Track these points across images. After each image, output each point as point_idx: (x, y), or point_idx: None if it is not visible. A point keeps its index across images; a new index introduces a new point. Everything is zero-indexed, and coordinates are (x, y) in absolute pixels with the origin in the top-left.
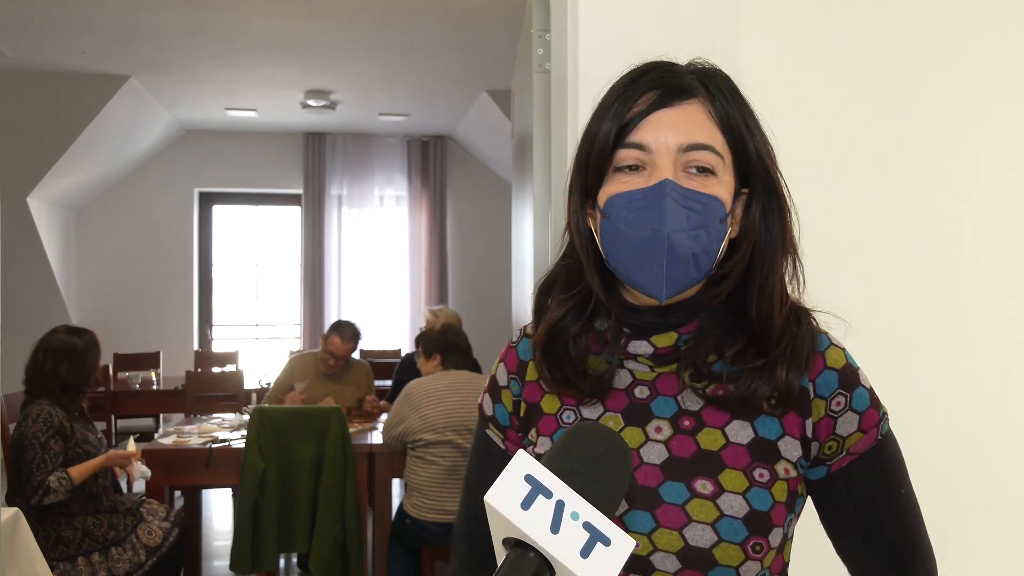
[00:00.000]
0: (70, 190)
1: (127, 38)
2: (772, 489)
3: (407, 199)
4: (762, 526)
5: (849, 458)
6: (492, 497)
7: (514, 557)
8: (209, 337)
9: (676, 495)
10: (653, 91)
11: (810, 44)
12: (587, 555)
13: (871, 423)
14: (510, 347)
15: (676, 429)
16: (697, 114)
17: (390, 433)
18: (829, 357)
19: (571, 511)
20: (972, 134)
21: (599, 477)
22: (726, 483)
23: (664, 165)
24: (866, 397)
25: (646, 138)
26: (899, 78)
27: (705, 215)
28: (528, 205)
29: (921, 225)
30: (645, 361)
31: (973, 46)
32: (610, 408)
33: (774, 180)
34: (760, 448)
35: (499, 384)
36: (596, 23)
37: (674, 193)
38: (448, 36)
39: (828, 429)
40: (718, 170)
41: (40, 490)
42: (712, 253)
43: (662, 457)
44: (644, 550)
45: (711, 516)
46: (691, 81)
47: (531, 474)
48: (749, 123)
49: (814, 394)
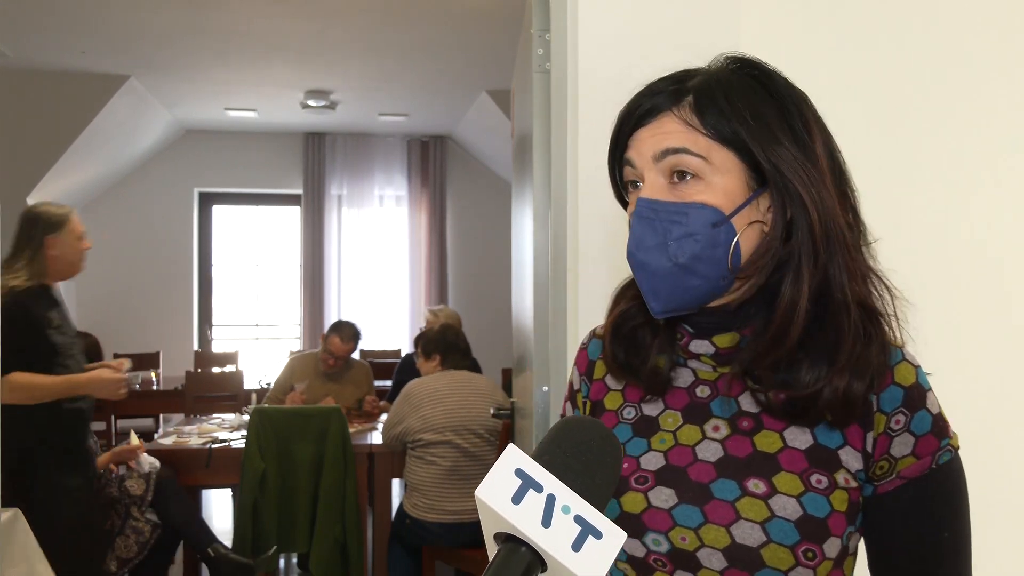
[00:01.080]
0: (70, 190)
1: (127, 38)
2: (831, 496)
3: (407, 199)
4: (816, 533)
5: (898, 482)
6: (483, 492)
7: (506, 552)
8: (209, 337)
9: (727, 492)
10: (633, 113)
11: (810, 44)
12: (579, 548)
13: (928, 450)
14: (581, 348)
15: (734, 429)
16: (668, 124)
17: (390, 433)
18: (898, 372)
19: (562, 505)
20: (973, 134)
21: (589, 471)
22: (780, 485)
23: (647, 180)
24: (928, 421)
25: (631, 155)
26: (899, 77)
27: (689, 224)
28: (528, 205)
29: (921, 225)
30: (707, 360)
31: (974, 45)
32: (670, 406)
33: (790, 180)
34: (819, 455)
35: (574, 389)
36: (596, 23)
37: (643, 210)
38: (448, 36)
39: (884, 447)
40: (705, 173)
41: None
42: (716, 257)
43: (717, 455)
44: (691, 545)
45: (761, 515)
46: (672, 92)
47: (522, 468)
48: (755, 127)
49: (877, 407)
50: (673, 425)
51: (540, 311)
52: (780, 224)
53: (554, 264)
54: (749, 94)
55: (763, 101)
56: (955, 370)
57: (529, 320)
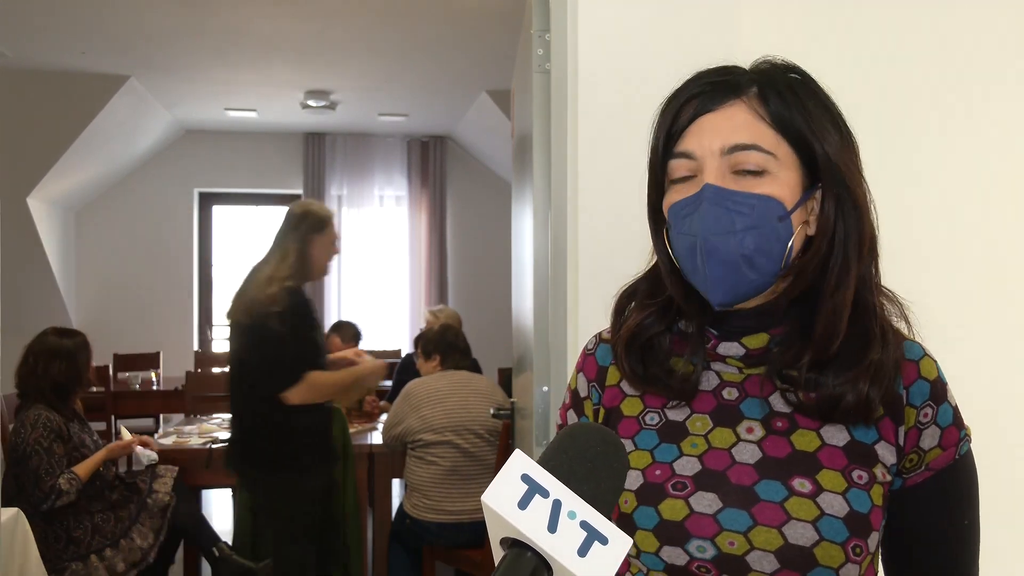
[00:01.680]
0: (70, 190)
1: (127, 38)
2: (871, 492)
3: (407, 199)
4: (862, 528)
5: (926, 474)
6: (489, 497)
7: (512, 557)
8: (209, 337)
9: (774, 493)
10: (695, 98)
11: (810, 44)
12: (584, 554)
13: (951, 441)
14: (587, 354)
15: (768, 430)
16: (739, 114)
17: (390, 433)
18: (923, 367)
19: (568, 510)
20: (975, 133)
21: (595, 476)
22: (824, 483)
23: (710, 170)
24: (950, 413)
25: (691, 146)
26: (900, 77)
27: (755, 216)
28: (528, 205)
29: (921, 225)
30: (734, 363)
31: (975, 44)
32: (697, 410)
33: (845, 177)
34: (857, 451)
35: (581, 396)
36: (596, 23)
37: (715, 197)
38: (448, 36)
39: (913, 440)
40: (771, 168)
41: (52, 495)
42: (773, 253)
43: (755, 457)
44: (740, 549)
45: (812, 514)
46: (735, 81)
47: (528, 474)
48: (813, 121)
49: (907, 401)
50: (703, 429)
51: (540, 311)
52: (830, 225)
53: (554, 264)
54: (801, 90)
55: (814, 98)
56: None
57: (529, 320)
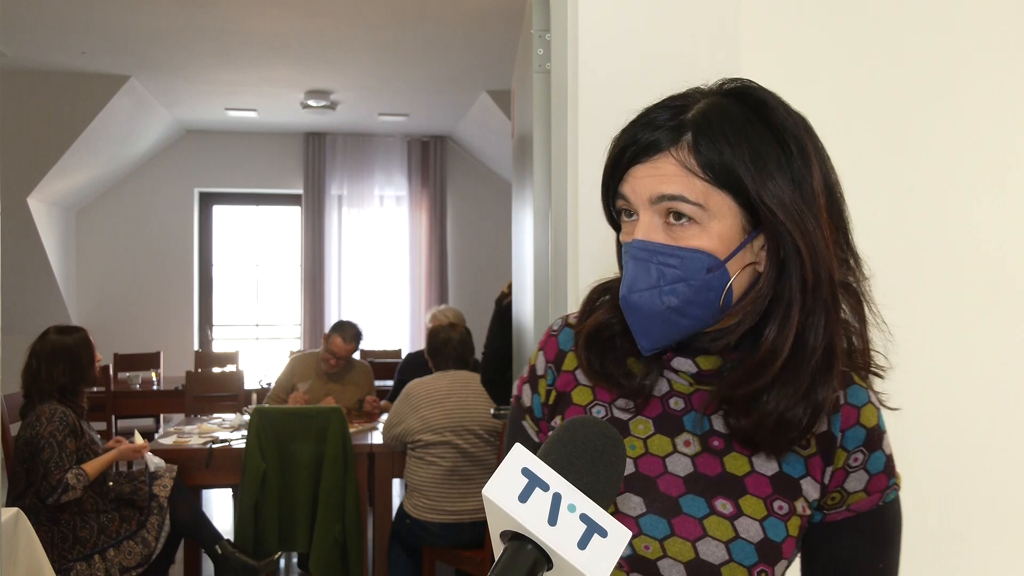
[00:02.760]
0: (70, 190)
1: (127, 38)
2: (788, 523)
3: (407, 199)
4: (772, 555)
5: (847, 514)
6: (490, 490)
7: (512, 549)
8: (209, 337)
9: (696, 508)
10: (631, 146)
11: (810, 44)
12: (584, 546)
13: (878, 487)
14: (551, 335)
15: (704, 447)
16: (665, 167)
17: (390, 433)
18: (864, 414)
19: (568, 503)
20: (976, 133)
21: (595, 469)
22: (745, 508)
23: (642, 220)
24: (882, 462)
25: (627, 191)
26: (899, 77)
27: (683, 268)
28: (528, 205)
29: (921, 224)
30: (686, 376)
31: (975, 45)
32: (642, 413)
33: (784, 224)
34: (782, 483)
35: (537, 373)
36: (596, 23)
37: (639, 252)
38: (448, 36)
39: (839, 480)
40: (699, 218)
41: (59, 488)
42: (708, 301)
43: (687, 471)
44: (654, 554)
45: (727, 535)
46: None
47: (528, 467)
48: (752, 166)
49: (840, 444)
50: (644, 432)
51: (540, 311)
52: (773, 269)
53: (554, 264)
54: (748, 130)
55: (762, 137)
56: (967, 369)
57: (529, 320)
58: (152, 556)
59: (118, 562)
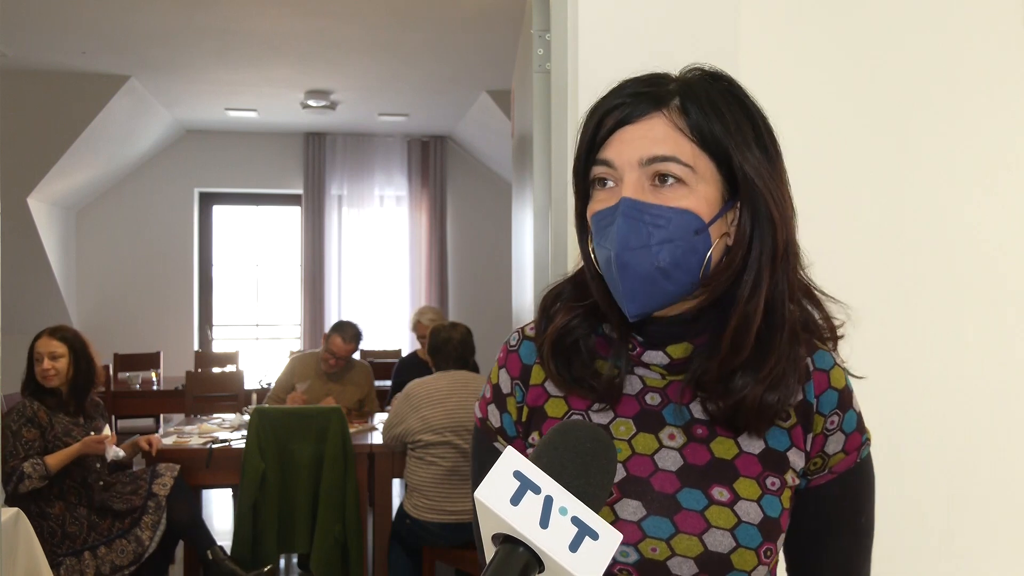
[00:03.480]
0: (70, 190)
1: (127, 38)
2: (781, 496)
3: (407, 199)
4: (773, 532)
5: (829, 476)
6: (482, 493)
7: (504, 552)
8: (209, 337)
9: (694, 502)
10: (617, 109)
11: (811, 44)
12: (576, 549)
13: (854, 445)
14: (509, 351)
15: (689, 437)
16: (658, 127)
17: (390, 433)
18: (833, 376)
19: (559, 506)
20: (976, 132)
21: (586, 472)
22: (741, 491)
23: (628, 182)
24: (855, 420)
25: (611, 155)
26: (899, 77)
27: (671, 229)
28: (528, 205)
29: (922, 224)
30: (658, 369)
31: (974, 45)
32: (621, 414)
33: (761, 190)
34: (771, 458)
35: (503, 392)
36: (596, 23)
37: (629, 210)
38: (448, 36)
39: (819, 445)
40: (689, 180)
41: (13, 476)
42: (691, 265)
43: (677, 464)
44: (662, 555)
45: (730, 522)
46: (657, 92)
47: (520, 470)
48: (733, 134)
49: (816, 409)
50: (627, 434)
51: None
52: (746, 237)
53: (554, 264)
54: (727, 103)
55: (739, 113)
56: (962, 368)
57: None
58: (145, 554)
59: (110, 560)
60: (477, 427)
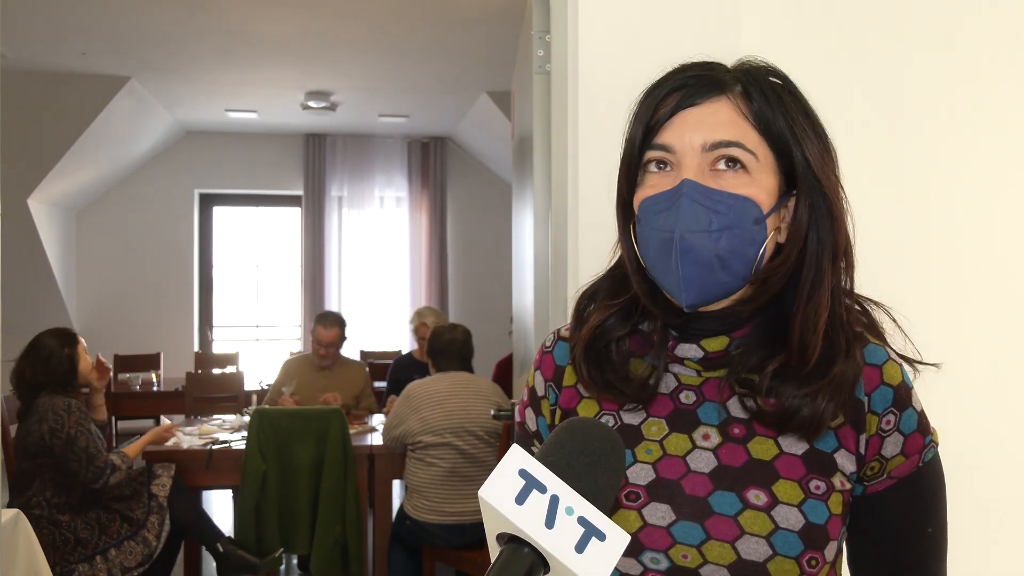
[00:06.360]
0: (70, 191)
1: (127, 39)
2: (828, 502)
3: (407, 200)
4: (818, 540)
5: (889, 482)
6: (486, 492)
7: (508, 552)
8: (209, 338)
9: (727, 506)
10: (678, 91)
11: (811, 44)
12: (582, 550)
13: (915, 448)
14: (544, 352)
15: (725, 437)
16: (723, 111)
17: (390, 435)
18: (886, 372)
19: (566, 506)
20: (973, 134)
21: (594, 472)
22: (780, 494)
23: (688, 165)
24: (914, 419)
25: (670, 139)
26: (899, 76)
27: (732, 216)
28: (528, 206)
29: (922, 224)
30: (693, 365)
31: (974, 45)
32: (653, 414)
33: (823, 184)
34: (815, 460)
35: (538, 395)
36: (596, 24)
37: (693, 193)
38: (448, 37)
39: (875, 448)
40: (751, 168)
41: (108, 468)
42: (747, 256)
43: (711, 466)
44: (693, 563)
45: (766, 528)
46: (720, 77)
47: (525, 469)
48: (795, 125)
49: (868, 408)
50: (659, 434)
51: (540, 311)
52: (802, 233)
53: (554, 265)
54: (785, 93)
55: (795, 105)
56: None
57: (530, 320)
58: (153, 556)
59: (119, 562)
60: (517, 432)
